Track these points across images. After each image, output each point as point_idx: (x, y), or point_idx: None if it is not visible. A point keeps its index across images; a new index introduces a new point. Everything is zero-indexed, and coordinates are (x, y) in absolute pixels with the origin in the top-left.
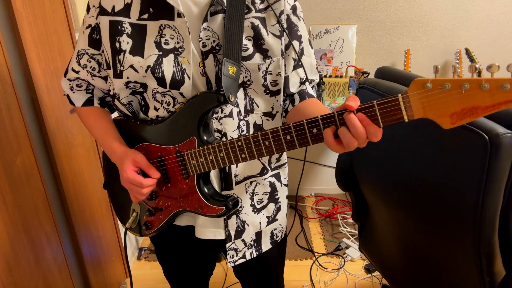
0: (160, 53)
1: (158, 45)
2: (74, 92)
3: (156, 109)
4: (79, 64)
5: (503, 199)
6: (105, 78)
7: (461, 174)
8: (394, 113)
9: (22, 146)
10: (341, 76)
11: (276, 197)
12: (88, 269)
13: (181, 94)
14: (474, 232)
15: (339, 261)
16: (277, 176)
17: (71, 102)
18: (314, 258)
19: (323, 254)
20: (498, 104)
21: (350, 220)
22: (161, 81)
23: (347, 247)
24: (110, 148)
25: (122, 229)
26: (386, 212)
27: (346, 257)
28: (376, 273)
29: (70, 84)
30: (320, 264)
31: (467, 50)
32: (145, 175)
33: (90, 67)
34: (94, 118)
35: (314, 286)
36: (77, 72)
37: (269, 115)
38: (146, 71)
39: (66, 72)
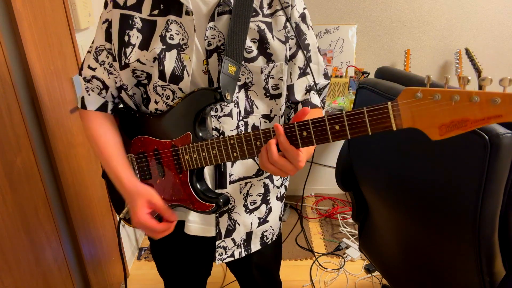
0: (164, 47)
1: (162, 39)
2: (89, 95)
3: (156, 102)
4: (97, 61)
5: (503, 199)
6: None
7: (461, 174)
8: (383, 121)
9: (22, 146)
10: (341, 76)
11: (268, 198)
12: (88, 269)
13: (180, 89)
14: (474, 232)
15: (339, 261)
16: (270, 177)
17: (83, 106)
18: (314, 258)
19: (323, 254)
20: (488, 118)
21: (350, 220)
22: (161, 74)
23: (347, 247)
24: (117, 178)
25: (122, 229)
26: (386, 212)
27: (346, 257)
28: (376, 273)
29: (85, 85)
30: (320, 264)
31: (467, 50)
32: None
33: (108, 63)
34: (100, 132)
35: (314, 286)
36: (94, 70)
37: (267, 117)
38: (153, 61)
39: (81, 69)
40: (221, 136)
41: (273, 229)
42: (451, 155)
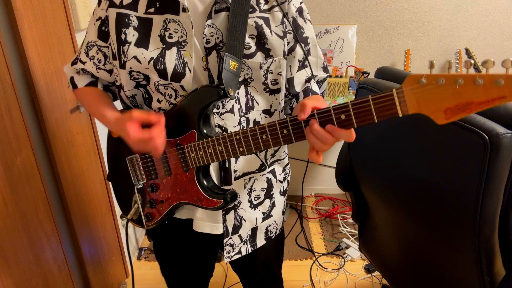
0: (164, 46)
1: (162, 38)
2: (79, 75)
3: (159, 101)
4: (87, 55)
5: (503, 199)
6: (109, 71)
7: (461, 174)
8: (389, 108)
9: (22, 146)
10: (341, 76)
11: (271, 192)
12: (88, 269)
13: (182, 87)
14: (474, 232)
15: (339, 261)
16: (273, 172)
17: (74, 85)
18: (314, 258)
19: (323, 254)
20: (492, 99)
21: (350, 220)
22: (162, 73)
23: (347, 247)
24: (104, 118)
25: (122, 229)
26: (386, 212)
27: (346, 257)
28: (376, 273)
29: (76, 69)
30: (320, 264)
31: (467, 50)
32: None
33: (97, 59)
34: (92, 97)
35: (314, 286)
36: (84, 63)
37: (267, 112)
38: (148, 62)
39: (75, 62)
40: (227, 132)
41: (276, 224)
42: (451, 155)
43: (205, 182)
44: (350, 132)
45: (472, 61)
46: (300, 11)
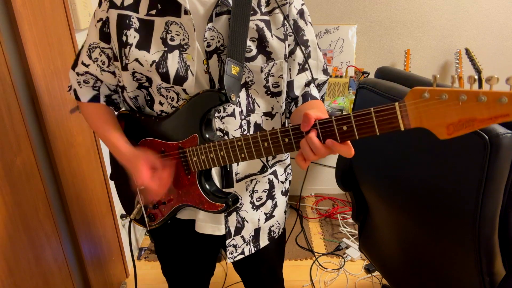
0: (166, 49)
1: (164, 41)
2: (81, 87)
3: (161, 103)
4: (90, 58)
5: (503, 199)
6: (113, 73)
7: (461, 174)
8: (391, 121)
9: (22, 146)
10: (341, 76)
11: (273, 193)
12: (88, 269)
13: (184, 90)
14: (474, 232)
15: (339, 261)
16: (275, 173)
17: (77, 97)
18: (314, 258)
19: (323, 254)
20: (495, 117)
21: (350, 220)
22: (165, 76)
23: (347, 247)
24: (115, 148)
25: (122, 229)
26: (386, 212)
27: (346, 257)
28: (376, 273)
29: (77, 79)
30: (320, 264)
31: (467, 50)
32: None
33: (101, 61)
34: (98, 116)
35: (314, 286)
36: (87, 66)
37: (268, 115)
38: (151, 65)
39: (75, 65)
40: (229, 138)
41: (279, 224)
42: (451, 155)
43: (207, 186)
44: (349, 149)
45: (476, 77)
46: (301, 13)
